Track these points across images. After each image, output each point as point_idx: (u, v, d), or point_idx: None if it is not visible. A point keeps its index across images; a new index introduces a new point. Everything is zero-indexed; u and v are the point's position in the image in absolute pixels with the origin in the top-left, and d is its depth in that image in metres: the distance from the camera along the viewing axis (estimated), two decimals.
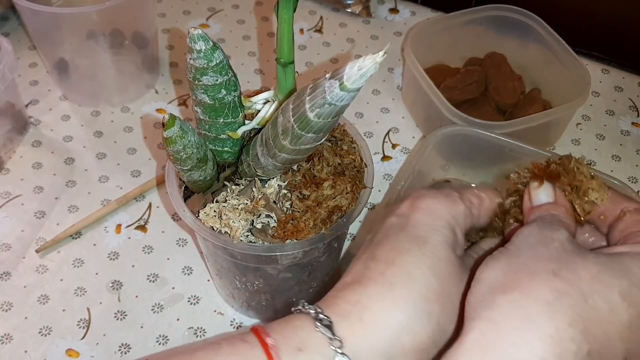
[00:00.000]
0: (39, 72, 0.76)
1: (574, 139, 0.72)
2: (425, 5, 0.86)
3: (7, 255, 0.59)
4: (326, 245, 0.46)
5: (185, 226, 0.61)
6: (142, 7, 0.69)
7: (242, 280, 0.50)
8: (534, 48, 0.72)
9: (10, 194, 0.64)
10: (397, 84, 0.77)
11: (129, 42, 0.71)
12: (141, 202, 0.64)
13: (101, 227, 0.62)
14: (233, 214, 0.44)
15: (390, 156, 0.70)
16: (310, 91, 0.36)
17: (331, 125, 0.38)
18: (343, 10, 0.85)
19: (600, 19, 0.77)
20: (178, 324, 0.55)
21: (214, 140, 0.45)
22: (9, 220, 0.62)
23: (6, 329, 0.54)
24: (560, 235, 0.34)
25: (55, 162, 0.67)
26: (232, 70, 0.41)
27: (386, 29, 0.84)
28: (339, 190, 0.46)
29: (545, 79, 0.72)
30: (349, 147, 0.49)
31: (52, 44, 0.69)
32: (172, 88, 0.75)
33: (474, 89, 0.70)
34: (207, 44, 0.39)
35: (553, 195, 0.38)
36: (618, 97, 0.76)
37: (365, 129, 0.71)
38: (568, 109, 0.65)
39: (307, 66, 0.79)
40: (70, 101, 0.73)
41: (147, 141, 0.69)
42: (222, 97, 0.42)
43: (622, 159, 0.70)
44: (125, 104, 0.73)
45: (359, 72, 0.33)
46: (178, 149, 0.40)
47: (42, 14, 0.62)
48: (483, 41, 0.75)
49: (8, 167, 0.66)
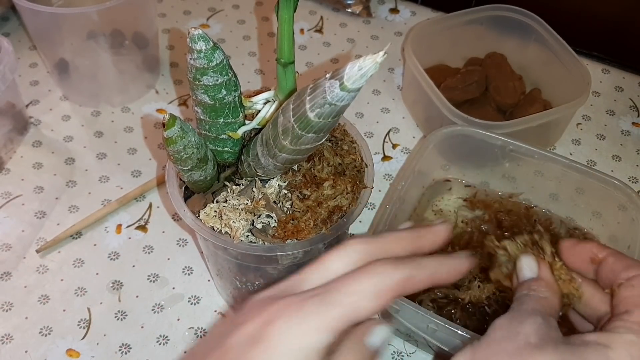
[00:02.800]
0: (39, 72, 0.76)
1: (574, 139, 0.72)
2: (426, 5, 0.86)
3: (8, 255, 0.59)
4: (326, 245, 0.46)
5: (186, 226, 0.61)
6: (143, 7, 0.69)
7: (243, 281, 0.50)
8: (535, 48, 0.72)
9: (11, 194, 0.64)
10: (397, 84, 0.77)
11: (130, 42, 0.71)
12: (141, 202, 0.64)
13: (102, 227, 0.62)
14: (233, 214, 0.44)
15: (391, 156, 0.70)
16: (310, 91, 0.36)
17: (331, 125, 0.38)
18: (343, 11, 0.85)
19: (600, 19, 0.77)
20: (178, 324, 0.55)
21: (214, 141, 0.45)
22: (9, 221, 0.62)
23: (7, 329, 0.54)
24: (528, 327, 0.33)
25: (55, 162, 0.67)
26: (232, 70, 0.41)
27: (386, 29, 0.84)
28: (340, 190, 0.46)
29: (546, 79, 0.72)
30: (350, 147, 0.49)
31: (52, 44, 0.69)
32: (172, 88, 0.75)
33: (474, 89, 0.70)
34: (208, 44, 0.39)
35: (536, 270, 0.38)
36: (618, 97, 0.76)
37: (365, 129, 0.71)
38: (568, 109, 0.65)
39: (308, 66, 0.79)
40: (71, 101, 0.73)
41: (147, 141, 0.69)
42: (222, 97, 0.42)
43: (623, 159, 0.70)
44: (125, 104, 0.73)
45: (360, 72, 0.33)
46: (178, 149, 0.40)
47: (43, 14, 0.62)
48: (483, 41, 0.75)
49: (8, 167, 0.66)
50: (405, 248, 0.36)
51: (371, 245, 0.34)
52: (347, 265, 0.33)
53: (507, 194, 0.63)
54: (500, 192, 0.63)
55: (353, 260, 0.34)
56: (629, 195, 0.56)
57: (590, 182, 0.58)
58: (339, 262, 0.34)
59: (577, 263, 0.38)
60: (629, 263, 0.36)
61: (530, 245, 0.40)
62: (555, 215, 0.62)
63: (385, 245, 0.35)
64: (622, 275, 0.36)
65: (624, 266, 0.36)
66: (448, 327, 0.47)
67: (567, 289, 0.38)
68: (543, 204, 0.62)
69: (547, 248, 0.39)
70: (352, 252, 0.34)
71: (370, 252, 0.34)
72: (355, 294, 0.31)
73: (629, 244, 0.55)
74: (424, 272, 0.34)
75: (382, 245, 0.35)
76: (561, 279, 0.38)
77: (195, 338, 0.55)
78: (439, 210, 0.62)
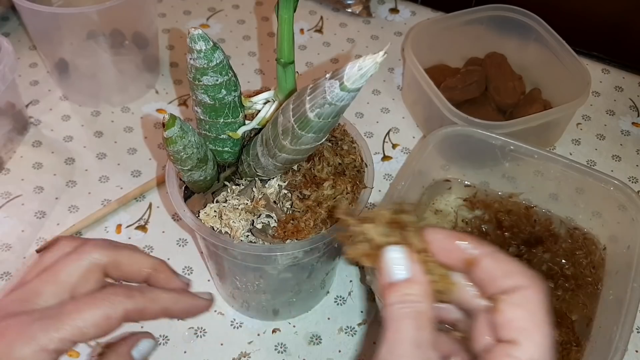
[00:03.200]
0: (39, 72, 0.76)
1: (574, 139, 0.72)
2: (426, 5, 0.86)
3: (8, 255, 0.59)
4: (326, 245, 0.46)
5: (186, 226, 0.61)
6: (143, 7, 0.69)
7: (243, 280, 0.50)
8: (535, 48, 0.72)
9: (11, 194, 0.64)
10: (397, 84, 0.77)
11: (129, 42, 0.71)
12: (141, 202, 0.64)
13: (101, 227, 0.62)
14: (233, 214, 0.44)
15: (391, 156, 0.69)
16: (310, 91, 0.36)
17: (331, 125, 0.38)
18: (343, 10, 0.85)
19: (600, 19, 0.77)
20: (178, 324, 0.55)
21: (214, 141, 0.45)
22: (9, 220, 0.62)
23: None
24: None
25: (55, 162, 0.67)
26: (232, 70, 0.41)
27: (386, 29, 0.84)
28: (339, 190, 0.46)
29: (546, 78, 0.72)
30: (349, 147, 0.49)
31: (52, 44, 0.69)
32: (172, 88, 0.75)
33: (474, 89, 0.70)
34: (208, 44, 0.39)
35: (409, 269, 0.32)
36: (618, 97, 0.76)
37: (365, 129, 0.71)
38: (568, 108, 0.65)
39: (308, 66, 0.79)
40: (71, 101, 0.73)
41: (147, 141, 0.69)
42: (222, 97, 0.42)
43: (623, 159, 0.70)
44: (125, 104, 0.73)
45: (359, 72, 0.33)
46: (178, 149, 0.40)
47: (43, 14, 0.62)
48: (483, 41, 0.75)
49: (8, 167, 0.66)
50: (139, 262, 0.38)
51: (107, 256, 0.37)
52: (81, 276, 0.36)
53: (507, 194, 0.63)
54: (500, 192, 0.63)
55: (88, 269, 0.36)
56: (629, 195, 0.56)
57: (590, 182, 0.58)
58: (74, 273, 0.36)
59: (448, 261, 0.33)
60: (509, 268, 0.31)
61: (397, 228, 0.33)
62: (555, 215, 0.62)
63: (120, 258, 0.37)
64: (501, 285, 0.31)
65: (504, 272, 0.31)
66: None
67: (442, 287, 0.32)
68: (543, 204, 0.62)
69: (414, 240, 0.33)
70: (87, 262, 0.36)
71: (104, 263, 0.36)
72: (84, 320, 0.34)
73: (629, 244, 0.55)
74: (155, 306, 0.36)
75: (117, 256, 0.37)
76: (434, 274, 0.32)
77: (195, 338, 0.55)
78: (439, 210, 0.62)
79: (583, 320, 0.55)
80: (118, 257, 0.38)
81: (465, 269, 0.32)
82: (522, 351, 0.29)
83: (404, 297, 0.31)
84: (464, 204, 0.63)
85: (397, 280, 0.32)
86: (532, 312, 0.29)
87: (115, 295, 0.35)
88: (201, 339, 0.55)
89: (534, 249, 0.58)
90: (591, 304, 0.55)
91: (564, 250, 0.59)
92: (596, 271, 0.58)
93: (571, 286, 0.56)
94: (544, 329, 0.29)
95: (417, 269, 0.32)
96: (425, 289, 0.31)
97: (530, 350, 0.29)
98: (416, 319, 0.30)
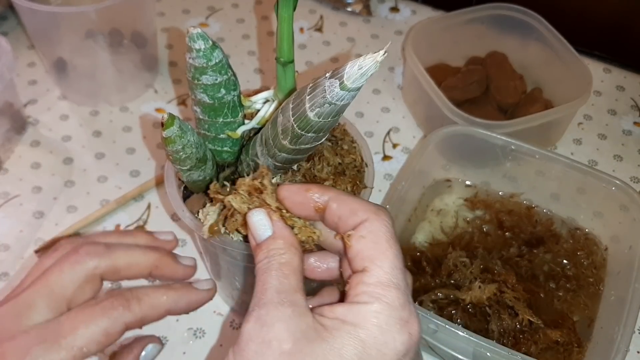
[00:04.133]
0: (37, 71, 0.76)
1: (576, 139, 0.71)
2: (426, 4, 0.86)
3: (6, 255, 0.59)
4: None
5: (185, 226, 0.61)
6: (141, 6, 0.69)
7: (242, 281, 0.50)
8: (536, 47, 0.72)
9: (9, 194, 0.63)
10: (397, 84, 0.77)
11: (128, 42, 0.71)
12: (140, 202, 0.64)
13: (100, 227, 0.61)
14: None
15: (391, 156, 0.69)
16: (310, 90, 0.36)
17: (331, 124, 0.38)
18: (343, 9, 0.85)
19: (602, 18, 0.77)
20: (177, 325, 0.55)
21: (214, 140, 0.45)
22: (7, 221, 0.61)
23: None
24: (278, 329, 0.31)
25: (53, 162, 0.67)
26: (231, 69, 0.41)
27: (386, 28, 0.83)
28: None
29: (547, 78, 0.72)
30: (350, 146, 0.49)
31: (50, 43, 0.69)
32: (171, 87, 0.75)
33: (475, 88, 0.69)
34: (207, 43, 0.38)
35: (269, 227, 0.34)
36: (620, 97, 0.76)
37: (365, 129, 0.71)
38: (569, 108, 0.64)
39: (307, 65, 0.78)
40: (69, 101, 0.73)
41: (146, 141, 0.69)
42: (221, 97, 0.41)
43: (624, 158, 0.70)
44: (124, 104, 0.72)
45: (359, 71, 0.33)
46: (177, 148, 0.40)
47: (41, 13, 0.62)
48: (484, 40, 0.74)
49: (6, 167, 0.66)
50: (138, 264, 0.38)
51: (103, 263, 0.37)
52: (77, 288, 0.36)
53: (508, 193, 0.62)
54: (501, 192, 0.63)
55: (85, 280, 0.36)
56: (631, 195, 0.56)
57: (592, 182, 0.58)
58: (70, 286, 0.36)
59: (303, 213, 0.35)
60: (354, 206, 0.33)
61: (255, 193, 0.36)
62: (557, 216, 0.61)
63: (117, 263, 0.37)
64: (349, 222, 0.33)
65: (349, 211, 0.33)
66: (449, 327, 0.46)
67: (304, 237, 0.35)
68: (544, 204, 0.62)
69: (271, 201, 0.36)
70: (83, 273, 0.36)
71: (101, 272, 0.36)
72: (83, 339, 0.34)
73: (631, 244, 0.55)
74: (155, 312, 0.37)
75: (114, 262, 0.37)
76: (297, 227, 0.35)
77: (194, 339, 0.54)
78: (439, 210, 0.62)
79: (584, 320, 0.54)
80: (115, 262, 0.37)
81: (320, 216, 0.35)
82: (370, 276, 0.31)
83: (269, 253, 0.34)
84: (465, 204, 0.62)
85: (263, 240, 0.34)
86: (376, 241, 0.32)
87: (113, 309, 0.35)
88: (200, 339, 0.54)
89: (535, 250, 0.58)
90: (593, 305, 0.55)
91: (566, 250, 0.58)
92: (598, 272, 0.57)
93: (572, 287, 0.56)
94: (389, 252, 0.32)
95: (279, 225, 0.35)
96: (287, 242, 0.34)
97: (378, 274, 0.31)
98: (279, 269, 0.33)
